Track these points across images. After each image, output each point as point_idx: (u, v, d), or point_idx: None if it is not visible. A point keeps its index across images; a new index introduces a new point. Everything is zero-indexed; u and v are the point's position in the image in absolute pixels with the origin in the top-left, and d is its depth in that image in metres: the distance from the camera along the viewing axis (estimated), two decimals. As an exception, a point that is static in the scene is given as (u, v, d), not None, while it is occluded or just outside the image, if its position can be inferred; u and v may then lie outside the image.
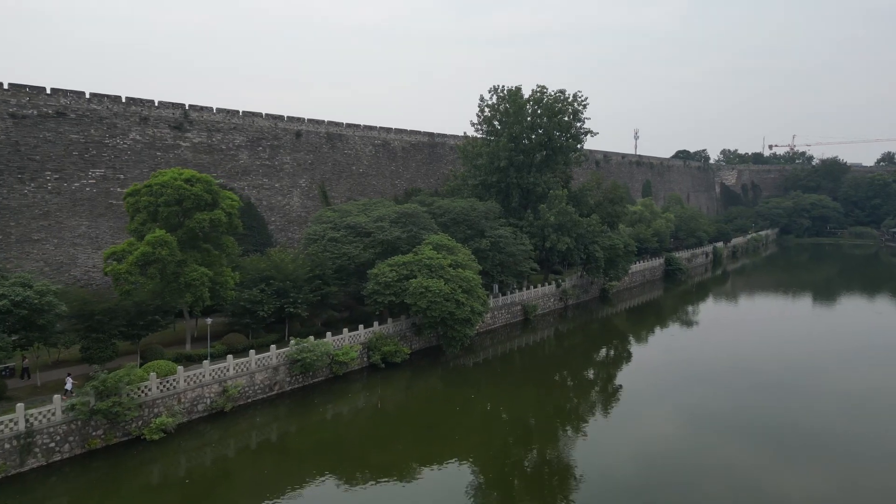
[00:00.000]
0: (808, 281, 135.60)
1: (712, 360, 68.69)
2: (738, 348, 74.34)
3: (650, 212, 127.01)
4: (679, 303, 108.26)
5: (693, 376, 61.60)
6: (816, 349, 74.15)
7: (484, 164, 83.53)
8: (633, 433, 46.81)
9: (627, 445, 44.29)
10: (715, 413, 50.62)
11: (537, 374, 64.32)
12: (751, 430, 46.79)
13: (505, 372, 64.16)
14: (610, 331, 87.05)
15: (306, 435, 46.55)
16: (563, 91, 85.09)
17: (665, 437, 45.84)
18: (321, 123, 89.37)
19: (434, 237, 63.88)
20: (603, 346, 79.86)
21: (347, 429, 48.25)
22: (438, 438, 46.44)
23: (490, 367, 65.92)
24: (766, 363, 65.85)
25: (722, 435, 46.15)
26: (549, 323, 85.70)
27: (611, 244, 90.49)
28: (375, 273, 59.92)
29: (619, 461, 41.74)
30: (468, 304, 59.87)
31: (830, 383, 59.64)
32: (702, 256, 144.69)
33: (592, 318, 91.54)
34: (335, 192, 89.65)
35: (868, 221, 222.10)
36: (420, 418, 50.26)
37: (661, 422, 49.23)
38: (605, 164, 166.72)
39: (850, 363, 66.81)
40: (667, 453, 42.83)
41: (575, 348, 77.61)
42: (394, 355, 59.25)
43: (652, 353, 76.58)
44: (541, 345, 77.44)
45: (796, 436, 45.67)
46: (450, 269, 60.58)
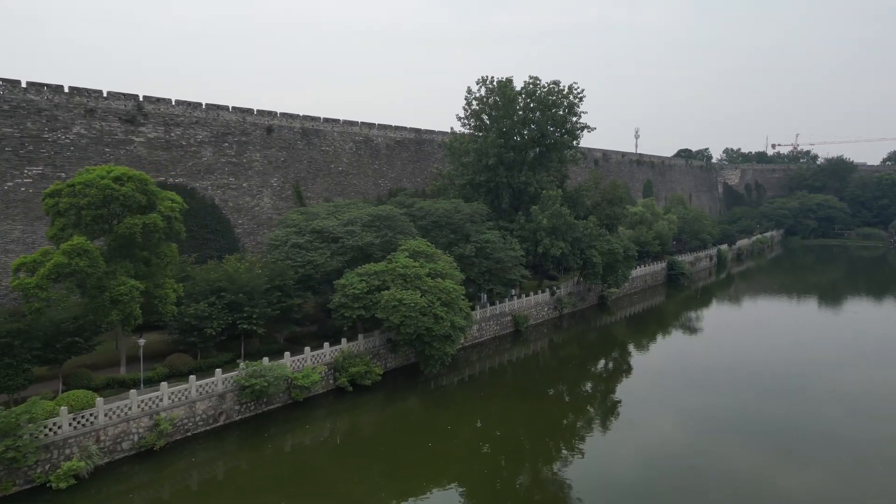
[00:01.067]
0: (815, 284, 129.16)
1: (715, 368, 65.00)
2: (742, 354, 70.68)
3: (651, 213, 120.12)
4: (682, 309, 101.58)
5: (695, 384, 59.27)
6: (822, 355, 70.07)
7: (471, 162, 76.69)
8: (632, 448, 43.96)
9: (626, 462, 41.78)
10: (719, 419, 49.06)
11: (529, 389, 58.59)
12: (756, 434, 45.37)
13: (493, 389, 57.73)
14: (608, 340, 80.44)
15: (257, 471, 39.82)
16: (558, 82, 78.22)
17: (666, 448, 44.05)
18: (296, 118, 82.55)
19: (411, 243, 57.07)
20: (601, 356, 73.51)
21: (306, 463, 41.62)
22: (414, 471, 40.37)
23: (476, 384, 59.36)
24: (771, 368, 63.14)
25: (726, 441, 44.89)
26: (542, 334, 78.92)
27: (609, 248, 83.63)
28: (343, 284, 53.08)
29: (618, 480, 39.18)
30: (448, 319, 53.02)
31: (835, 387, 57.35)
32: (705, 260, 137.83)
33: (590, 328, 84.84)
34: (311, 193, 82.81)
35: (876, 222, 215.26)
36: (393, 448, 43.66)
37: (662, 432, 47.07)
38: (605, 162, 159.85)
39: (855, 367, 64.01)
40: (668, 462, 41.52)
41: (570, 360, 71.15)
42: (363, 377, 52.40)
43: (653, 362, 71.04)
44: (533, 358, 70.78)
45: (807, 442, 44.45)
46: (427, 279, 53.75)
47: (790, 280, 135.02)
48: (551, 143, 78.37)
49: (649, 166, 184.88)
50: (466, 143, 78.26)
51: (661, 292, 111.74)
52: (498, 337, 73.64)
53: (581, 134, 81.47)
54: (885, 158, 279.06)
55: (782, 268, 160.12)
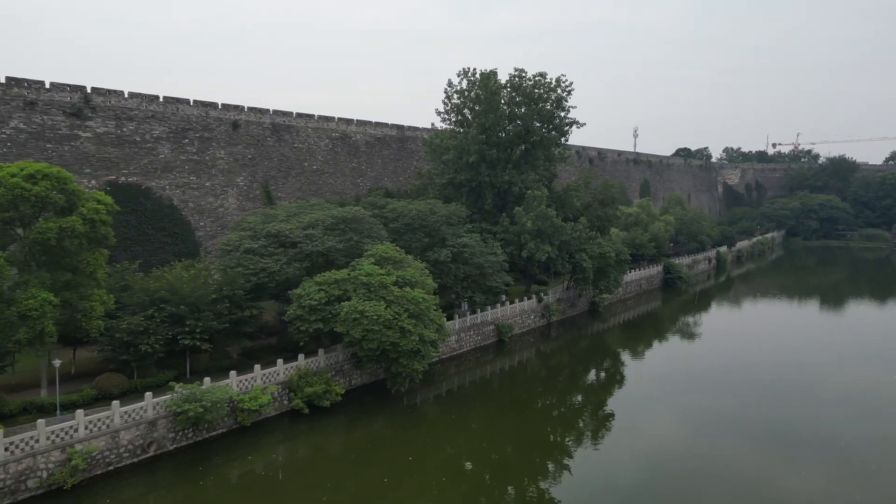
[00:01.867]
0: (817, 286, 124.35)
1: (712, 374, 62.40)
2: (740, 359, 67.99)
3: (647, 214, 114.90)
4: (678, 314, 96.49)
5: (691, 391, 57.26)
6: (824, 359, 66.91)
7: (451, 160, 71.45)
8: (624, 462, 41.35)
9: (619, 477, 39.23)
10: (717, 424, 48.01)
11: (513, 404, 54.22)
12: (755, 438, 44.22)
13: (473, 405, 52.95)
14: (599, 349, 75.48)
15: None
16: (544, 75, 72.96)
17: (662, 456, 42.34)
18: (265, 113, 77.29)
19: (378, 248, 51.85)
20: (591, 365, 68.90)
21: (249, 498, 36.45)
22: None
23: (455, 400, 54.55)
24: (770, 372, 61.28)
25: (725, 445, 43.92)
26: (528, 343, 73.75)
27: (600, 252, 78.45)
28: (299, 294, 47.86)
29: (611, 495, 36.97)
30: (416, 332, 47.75)
31: (837, 393, 55.53)
32: (704, 262, 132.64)
33: (580, 336, 79.69)
34: (282, 192, 77.60)
35: (879, 223, 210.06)
36: (351, 478, 38.66)
37: (657, 441, 45.08)
38: (600, 161, 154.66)
39: (857, 370, 61.93)
40: (665, 470, 40.23)
41: (559, 370, 66.50)
42: (321, 397, 47.13)
43: (646, 370, 66.80)
44: (518, 369, 65.74)
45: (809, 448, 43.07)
46: (394, 289, 48.51)
47: (791, 282, 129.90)
48: (537, 139, 73.10)
49: (647, 166, 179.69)
50: (446, 140, 73.00)
51: (658, 297, 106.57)
52: (479, 348, 68.42)
53: (569, 130, 76.27)
54: (887, 158, 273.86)
55: (783, 270, 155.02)
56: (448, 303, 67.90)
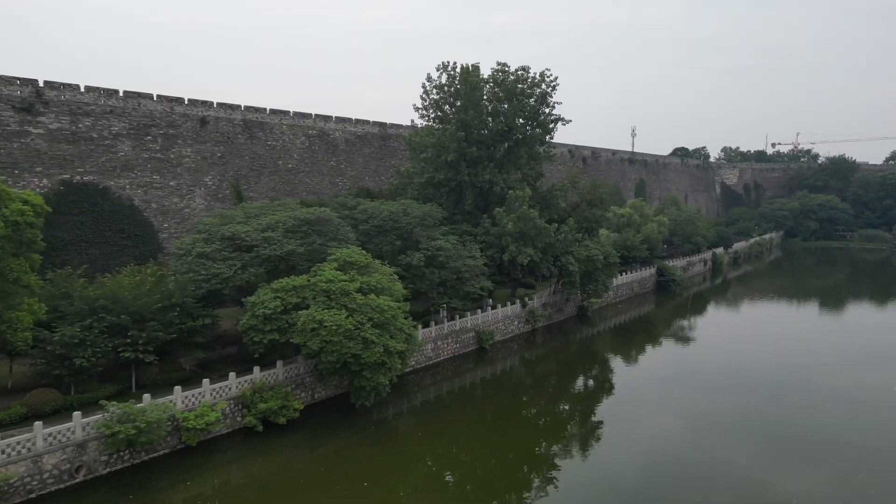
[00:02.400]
0: (816, 289, 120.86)
1: (704, 381, 59.92)
2: (735, 365, 64.42)
3: (640, 215, 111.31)
4: (671, 318, 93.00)
5: (684, 397, 54.84)
6: (822, 365, 64.09)
7: (430, 159, 67.89)
8: (611, 477, 38.94)
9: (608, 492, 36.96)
10: (710, 433, 46.19)
11: (493, 414, 51.35)
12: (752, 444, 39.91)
13: (448, 417, 49.84)
14: (587, 355, 72.03)
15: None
16: (527, 69, 69.34)
17: (655, 467, 40.23)
18: (236, 109, 73.79)
19: (342, 252, 48.32)
20: (577, 373, 65.63)
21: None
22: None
23: (429, 412, 51.45)
24: (767, 376, 59.14)
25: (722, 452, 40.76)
26: (511, 350, 70.28)
27: (588, 255, 74.95)
28: (252, 302, 44.38)
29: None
30: (381, 343, 44.25)
31: (834, 406, 50.51)
32: (700, 264, 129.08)
33: (567, 342, 76.22)
34: (255, 192, 74.11)
35: (879, 223, 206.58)
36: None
37: (648, 452, 42.77)
38: (594, 161, 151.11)
39: (855, 379, 58.82)
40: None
41: (543, 378, 63.27)
42: (277, 413, 43.69)
43: (637, 375, 64.18)
44: (499, 378, 62.35)
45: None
46: (357, 296, 44.99)
47: (789, 285, 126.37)
48: (520, 137, 69.54)
49: (642, 165, 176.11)
50: (425, 138, 69.44)
51: (651, 300, 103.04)
52: (458, 356, 64.92)
53: (555, 127, 72.72)
54: (887, 157, 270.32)
55: (781, 271, 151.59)
56: (425, 309, 64.51)
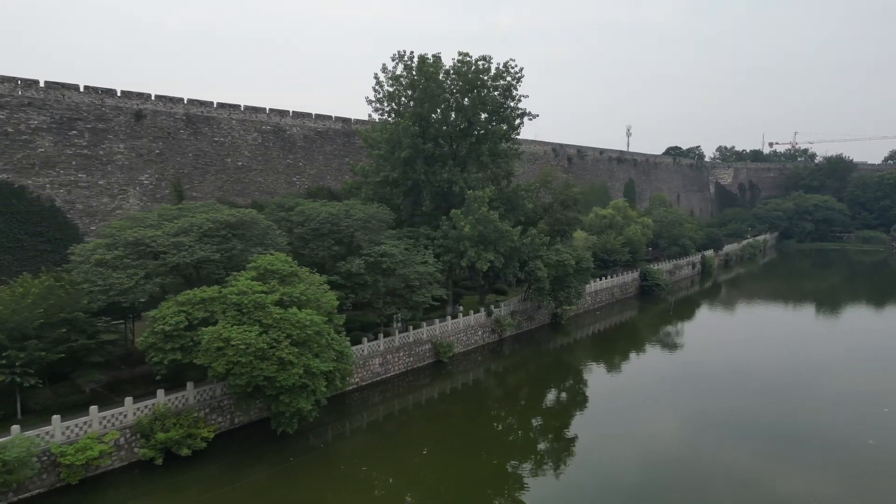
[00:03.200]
0: (807, 292, 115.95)
1: (682, 392, 56.25)
2: (715, 375, 60.60)
3: (623, 216, 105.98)
4: (653, 325, 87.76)
5: (660, 412, 51.05)
6: (816, 379, 57.24)
7: (383, 155, 62.58)
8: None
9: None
10: (690, 449, 43.43)
11: (446, 434, 46.83)
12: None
13: (393, 441, 45.15)
14: (559, 366, 67.08)
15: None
16: (489, 58, 63.97)
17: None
18: (178, 102, 68.40)
19: (263, 259, 42.98)
20: (545, 387, 60.39)
21: None
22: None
23: (373, 436, 46.71)
24: (751, 389, 55.15)
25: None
26: (473, 363, 64.98)
27: (558, 259, 69.66)
28: (154, 317, 39.08)
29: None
30: (301, 363, 38.97)
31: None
32: (687, 267, 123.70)
33: (538, 352, 70.93)
34: (199, 192, 68.76)
35: (877, 224, 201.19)
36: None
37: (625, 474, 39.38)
38: (580, 160, 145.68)
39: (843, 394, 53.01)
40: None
41: (506, 393, 58.49)
42: (180, 444, 38.41)
43: (611, 387, 59.53)
44: (458, 393, 57.45)
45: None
46: (275, 310, 39.69)
47: (781, 288, 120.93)
48: (483, 132, 64.20)
49: (631, 164, 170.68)
50: (379, 133, 64.10)
51: (633, 306, 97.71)
52: (411, 371, 59.61)
53: (521, 122, 67.37)
54: (886, 157, 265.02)
55: (774, 274, 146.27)
56: (378, 320, 59.22)
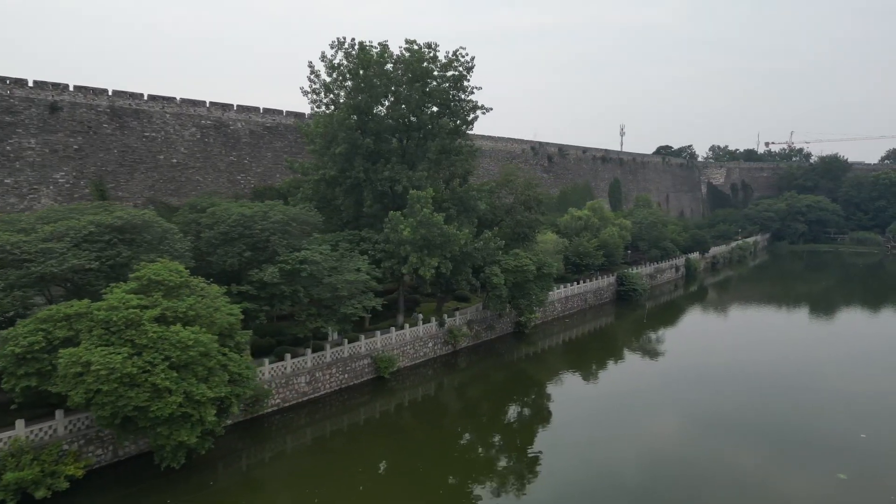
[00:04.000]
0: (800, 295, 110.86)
1: (649, 410, 51.15)
2: (684, 385, 56.51)
3: (600, 217, 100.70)
4: (627, 333, 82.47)
5: (623, 433, 45.90)
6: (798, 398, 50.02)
7: (318, 151, 57.16)
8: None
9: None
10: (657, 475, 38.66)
11: (375, 463, 41.37)
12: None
13: (316, 471, 39.86)
14: (517, 380, 61.74)
15: None
16: (434, 45, 58.44)
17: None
18: (101, 94, 63.01)
19: (150, 267, 37.55)
20: (500, 403, 54.86)
21: None
22: None
23: (291, 464, 41.20)
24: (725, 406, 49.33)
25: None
26: (422, 378, 59.55)
27: (517, 265, 64.29)
28: (5, 337, 33.62)
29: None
30: (181, 390, 33.56)
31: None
32: (670, 271, 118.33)
33: (496, 364, 65.51)
34: (126, 192, 63.34)
35: (871, 226, 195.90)
36: None
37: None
38: (561, 159, 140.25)
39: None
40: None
41: (453, 411, 53.42)
42: (37, 484, 32.94)
43: (573, 404, 53.95)
44: (399, 412, 52.55)
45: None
46: (151, 327, 34.28)
47: (769, 291, 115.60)
48: (430, 127, 58.72)
49: (617, 164, 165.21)
50: (315, 126, 58.63)
51: (609, 312, 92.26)
52: (346, 389, 54.10)
53: (472, 117, 61.86)
54: (883, 157, 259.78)
55: (764, 277, 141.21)
56: (310, 334, 53.77)
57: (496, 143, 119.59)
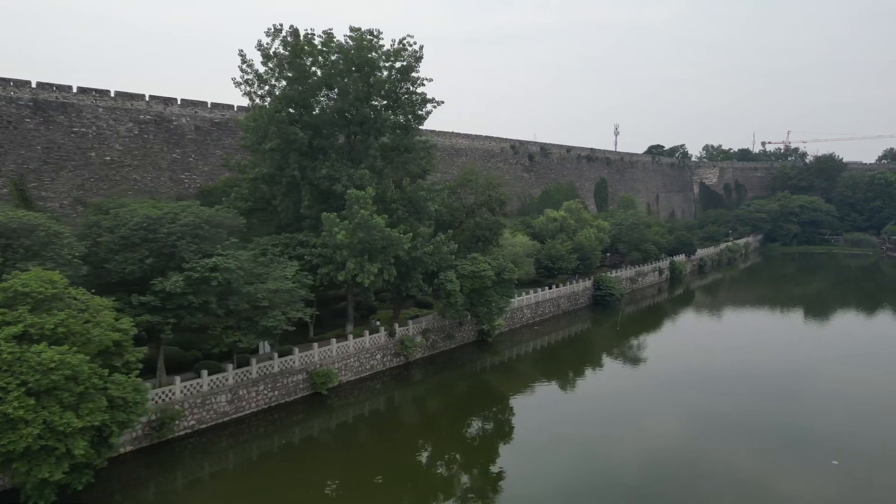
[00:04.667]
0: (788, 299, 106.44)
1: (615, 432, 45.22)
2: (658, 399, 50.47)
3: (577, 219, 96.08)
4: (599, 341, 78.04)
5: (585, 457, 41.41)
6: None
7: (249, 146, 52.61)
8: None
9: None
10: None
11: (292, 493, 37.26)
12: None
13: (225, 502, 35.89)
14: (475, 394, 57.42)
15: None
16: (377, 33, 53.77)
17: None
18: (24, 86, 58.42)
19: (20, 278, 32.96)
20: (451, 420, 50.10)
21: None
22: None
23: (204, 494, 37.52)
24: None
25: None
26: (368, 393, 54.96)
27: (474, 270, 59.72)
28: None
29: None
30: (40, 420, 29.01)
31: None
32: (653, 274, 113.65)
33: (453, 377, 61.02)
34: (51, 192, 58.77)
35: (867, 227, 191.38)
36: None
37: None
38: (543, 158, 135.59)
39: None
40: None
41: (400, 431, 48.44)
42: None
43: (536, 420, 49.51)
44: (336, 433, 47.90)
45: None
46: (6, 347, 29.72)
47: (756, 296, 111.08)
48: (371, 119, 54.06)
49: (604, 163, 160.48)
50: (247, 120, 54.04)
51: (584, 318, 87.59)
52: (276, 408, 49.43)
53: (424, 111, 57.16)
54: (880, 156, 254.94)
55: (754, 280, 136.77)
56: (245, 346, 49.09)
57: (472, 142, 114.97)
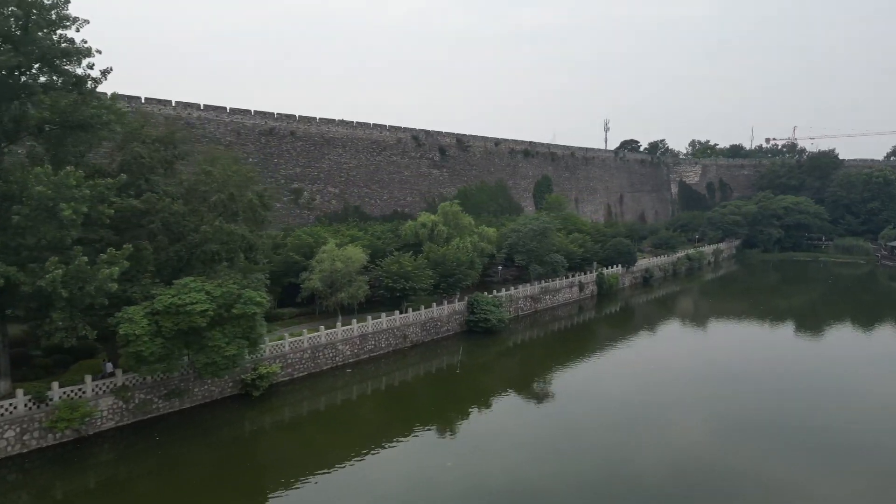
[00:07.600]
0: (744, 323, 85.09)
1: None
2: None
3: (453, 225, 76.70)
4: (428, 390, 57.70)
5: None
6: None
7: None
8: None
9: None
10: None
11: None
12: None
13: None
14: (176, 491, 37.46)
15: None
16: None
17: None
18: None
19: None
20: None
21: None
22: None
23: None
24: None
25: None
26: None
27: (177, 304, 40.84)
28: None
29: None
30: None
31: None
32: (569, 290, 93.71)
33: (161, 461, 41.15)
34: None
35: (862, 231, 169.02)
36: None
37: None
38: (461, 151, 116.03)
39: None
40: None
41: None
42: None
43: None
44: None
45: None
46: None
47: (701, 316, 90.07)
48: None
49: (548, 159, 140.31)
50: None
51: (441, 351, 67.46)
52: None
53: (82, 70, 38.36)
54: (888, 153, 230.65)
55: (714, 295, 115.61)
56: None
57: (354, 130, 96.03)
